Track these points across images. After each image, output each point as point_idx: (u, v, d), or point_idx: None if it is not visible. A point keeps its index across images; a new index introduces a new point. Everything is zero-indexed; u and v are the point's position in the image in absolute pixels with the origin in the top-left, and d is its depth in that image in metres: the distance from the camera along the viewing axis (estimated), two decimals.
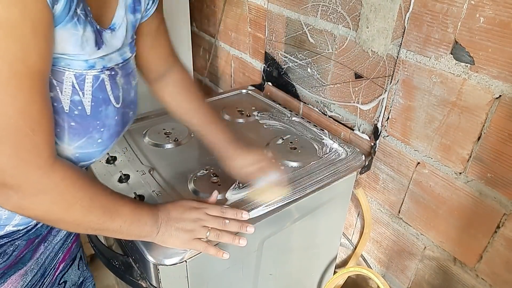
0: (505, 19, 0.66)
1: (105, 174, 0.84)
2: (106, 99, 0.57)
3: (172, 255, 0.66)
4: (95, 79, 0.55)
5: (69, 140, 0.55)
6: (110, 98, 0.58)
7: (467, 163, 0.80)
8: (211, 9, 1.56)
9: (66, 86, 0.52)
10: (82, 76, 0.53)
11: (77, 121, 0.54)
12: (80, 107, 0.54)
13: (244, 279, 0.87)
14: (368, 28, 0.91)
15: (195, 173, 0.85)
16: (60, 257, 0.78)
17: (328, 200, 0.94)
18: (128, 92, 0.63)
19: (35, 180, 0.48)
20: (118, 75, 0.59)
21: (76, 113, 0.54)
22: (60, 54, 0.50)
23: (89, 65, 0.53)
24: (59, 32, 0.47)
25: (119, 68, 0.60)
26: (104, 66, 0.56)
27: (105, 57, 0.56)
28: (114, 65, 0.58)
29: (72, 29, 0.48)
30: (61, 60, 0.50)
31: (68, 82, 0.52)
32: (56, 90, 0.51)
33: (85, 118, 0.55)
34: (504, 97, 0.71)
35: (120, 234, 0.59)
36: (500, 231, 0.78)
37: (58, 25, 0.47)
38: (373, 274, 0.91)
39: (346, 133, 1.07)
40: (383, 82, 0.92)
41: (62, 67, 0.51)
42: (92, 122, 0.56)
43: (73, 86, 0.52)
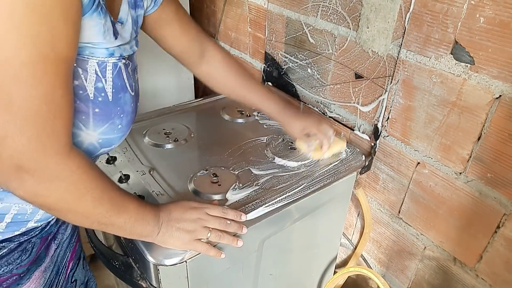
0: (505, 19, 0.66)
1: None
2: (123, 86, 0.60)
3: (172, 256, 0.66)
4: (114, 66, 0.57)
5: (94, 126, 0.57)
6: (126, 85, 0.61)
7: (467, 163, 0.80)
8: (211, 9, 1.56)
9: (90, 73, 0.54)
10: (104, 63, 0.55)
11: (101, 107, 0.56)
12: (103, 94, 0.56)
13: (244, 279, 0.87)
14: (368, 28, 0.91)
15: (195, 173, 0.85)
16: (69, 255, 0.79)
17: (328, 200, 0.94)
18: (136, 83, 0.66)
19: (52, 166, 0.48)
20: (129, 66, 0.62)
21: (100, 99, 0.56)
22: (85, 42, 0.52)
23: (110, 53, 0.56)
24: (85, 21, 0.49)
25: (129, 59, 0.62)
26: (121, 54, 0.59)
27: (121, 46, 0.58)
28: (127, 55, 0.61)
29: (97, 19, 0.51)
30: (86, 49, 0.52)
31: (92, 70, 0.54)
32: (81, 78, 0.53)
33: (107, 104, 0.57)
34: (504, 97, 0.71)
35: (123, 231, 0.60)
36: (500, 231, 0.78)
37: (85, 14, 0.49)
38: (373, 274, 0.91)
39: (346, 133, 1.07)
40: (383, 82, 0.92)
41: (87, 55, 0.53)
42: (114, 108, 0.58)
43: (96, 74, 0.55)
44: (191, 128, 1.04)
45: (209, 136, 1.02)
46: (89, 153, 0.61)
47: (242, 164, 0.90)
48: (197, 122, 1.08)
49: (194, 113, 1.14)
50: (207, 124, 1.08)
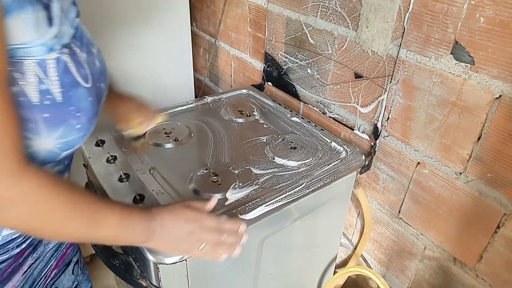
0: (505, 19, 0.66)
1: (105, 173, 0.84)
2: (74, 82, 0.54)
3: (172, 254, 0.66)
4: (57, 63, 0.51)
5: (47, 132, 0.52)
6: (77, 79, 0.55)
7: (467, 163, 0.80)
8: (211, 9, 1.56)
9: (30, 76, 0.49)
10: (43, 62, 0.50)
11: (50, 111, 0.51)
12: (49, 96, 0.51)
13: (244, 279, 0.87)
14: (368, 28, 0.91)
15: (195, 172, 0.86)
16: (53, 264, 0.76)
17: (328, 199, 0.94)
18: (93, 64, 0.60)
19: (6, 190, 0.45)
20: (77, 50, 0.55)
21: (47, 103, 0.51)
22: (16, 44, 0.46)
23: (48, 48, 0.50)
24: (10, 22, 0.44)
25: (75, 40, 0.56)
26: (62, 44, 0.52)
27: (59, 34, 0.51)
28: (69, 39, 0.54)
29: (24, 14, 0.45)
30: (19, 51, 0.47)
31: (31, 72, 0.49)
32: (20, 83, 0.48)
33: (57, 106, 0.52)
34: (504, 97, 0.71)
35: (106, 242, 0.57)
36: (500, 231, 0.79)
37: (9, 15, 0.44)
38: (373, 274, 0.91)
39: (346, 133, 1.08)
40: (383, 82, 0.92)
41: (21, 56, 0.47)
42: (66, 108, 0.53)
43: (37, 76, 0.49)
44: (191, 128, 1.04)
45: (209, 135, 1.02)
46: (50, 160, 0.57)
47: (242, 163, 0.90)
48: (197, 122, 1.08)
49: (194, 113, 1.15)
50: (207, 124, 1.08)
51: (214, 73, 1.71)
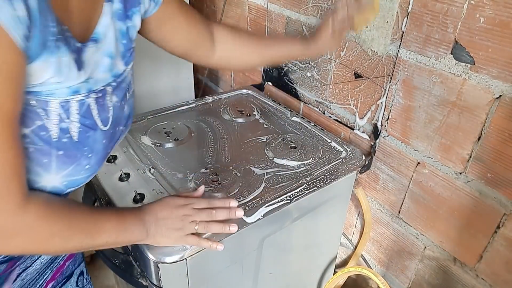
0: (505, 19, 0.66)
1: (106, 173, 0.84)
2: (93, 124, 0.55)
3: (172, 253, 0.66)
4: (80, 105, 0.52)
5: (57, 169, 0.53)
6: (96, 122, 0.56)
7: (467, 163, 0.81)
8: (211, 9, 1.56)
9: (53, 114, 0.50)
10: (67, 103, 0.51)
11: (65, 148, 0.52)
12: (68, 135, 0.52)
13: (244, 278, 0.87)
14: (367, 27, 0.91)
15: (196, 172, 0.86)
16: (49, 276, 0.74)
17: (328, 199, 0.94)
18: (121, 109, 0.61)
19: (9, 226, 0.47)
20: (108, 95, 0.57)
21: (64, 140, 0.52)
22: (41, 84, 0.47)
23: (73, 91, 0.51)
24: (35, 66, 0.45)
25: (111, 87, 0.57)
26: (90, 89, 0.54)
27: (90, 80, 0.53)
28: (103, 86, 0.56)
29: (49, 59, 0.46)
30: (44, 90, 0.48)
31: (54, 111, 0.50)
32: (43, 119, 0.49)
33: (73, 145, 0.53)
34: (504, 97, 0.71)
35: (109, 246, 0.59)
36: (500, 231, 0.79)
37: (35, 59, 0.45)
38: (373, 274, 0.91)
39: (346, 133, 1.08)
40: (383, 82, 0.92)
41: (46, 96, 0.49)
42: (80, 148, 0.54)
43: (59, 115, 0.51)
44: (191, 128, 1.04)
45: (209, 135, 1.02)
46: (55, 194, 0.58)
47: (242, 163, 0.90)
48: (197, 122, 1.08)
49: (194, 112, 1.15)
50: (207, 124, 1.08)
51: (214, 73, 1.71)
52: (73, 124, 0.52)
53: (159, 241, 0.64)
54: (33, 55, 0.44)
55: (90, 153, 0.56)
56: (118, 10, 0.57)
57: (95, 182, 0.85)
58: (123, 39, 0.59)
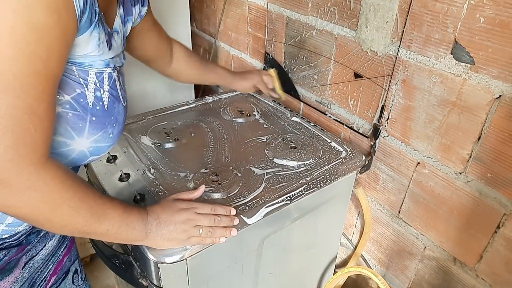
0: (505, 19, 0.66)
1: (106, 173, 0.84)
2: (117, 97, 0.64)
3: (173, 253, 0.66)
4: (109, 77, 0.62)
5: (88, 133, 0.60)
6: (120, 96, 0.65)
7: (467, 163, 0.81)
8: (211, 9, 1.56)
9: (90, 83, 0.58)
10: (101, 74, 0.60)
11: (98, 115, 0.60)
12: (101, 103, 0.60)
13: (244, 278, 0.87)
14: (367, 28, 0.91)
15: (195, 172, 0.86)
16: (51, 269, 0.77)
17: (327, 199, 0.94)
18: (126, 94, 0.69)
19: (25, 176, 0.48)
20: (121, 78, 0.66)
21: (97, 108, 0.60)
22: (84, 55, 0.56)
23: (106, 64, 0.60)
24: (83, 37, 0.53)
25: (119, 71, 0.66)
26: (115, 65, 0.63)
27: (114, 58, 0.63)
28: (119, 66, 0.65)
29: (94, 33, 0.55)
30: (86, 61, 0.57)
31: (92, 80, 0.58)
32: (83, 88, 0.57)
33: (103, 112, 0.61)
34: (504, 97, 0.71)
35: (107, 237, 0.59)
36: (500, 231, 0.79)
37: (83, 33, 0.53)
38: (373, 274, 0.91)
39: (346, 133, 1.08)
40: (383, 82, 0.92)
41: (87, 66, 0.57)
42: (108, 117, 0.62)
43: (95, 84, 0.59)
44: (191, 128, 1.04)
45: (209, 135, 1.02)
46: (78, 161, 0.63)
47: (242, 163, 0.90)
48: (197, 122, 1.08)
49: (194, 112, 1.15)
50: (207, 124, 1.08)
51: None
52: (104, 94, 0.61)
53: (159, 243, 0.65)
54: (82, 27, 0.52)
55: (115, 122, 0.63)
56: (121, 15, 0.68)
57: (95, 182, 0.85)
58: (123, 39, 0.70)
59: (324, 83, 1.11)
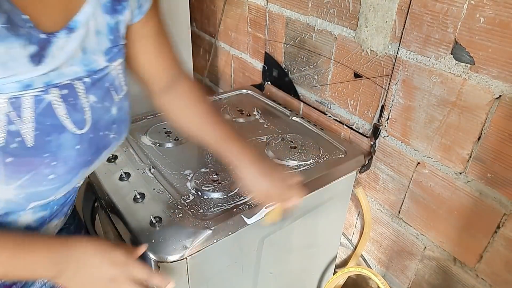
0: (505, 19, 0.67)
1: (106, 172, 0.84)
2: (57, 126, 0.47)
3: (173, 252, 0.66)
4: (36, 102, 0.44)
5: (6, 179, 0.45)
6: (63, 123, 0.47)
7: (467, 163, 0.81)
8: (211, 9, 1.56)
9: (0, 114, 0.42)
10: (17, 100, 0.43)
11: (16, 155, 0.44)
12: (18, 139, 0.44)
13: (244, 277, 0.87)
14: (367, 27, 0.91)
15: (196, 171, 0.86)
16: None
17: (327, 199, 0.94)
18: (106, 110, 0.53)
19: None
20: (80, 93, 0.49)
21: (14, 145, 0.44)
22: None
23: (24, 85, 0.43)
24: None
25: (82, 82, 0.49)
26: (48, 83, 0.45)
27: (51, 73, 0.45)
28: (69, 80, 0.47)
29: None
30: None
31: (1, 110, 0.42)
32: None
33: (26, 151, 0.45)
34: (504, 97, 0.71)
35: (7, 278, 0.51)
36: (500, 231, 0.79)
37: None
38: (373, 274, 0.91)
39: (346, 133, 1.08)
40: (383, 82, 0.93)
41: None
42: (38, 155, 0.46)
43: (7, 115, 0.42)
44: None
45: None
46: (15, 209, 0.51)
47: None
48: None
49: None
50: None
51: (214, 73, 1.71)
52: (26, 126, 0.44)
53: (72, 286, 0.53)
54: None
55: (54, 160, 0.47)
56: (106, 2, 0.51)
57: (95, 182, 0.85)
58: (110, 34, 0.53)
59: (324, 83, 1.11)
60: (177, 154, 0.93)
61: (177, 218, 0.72)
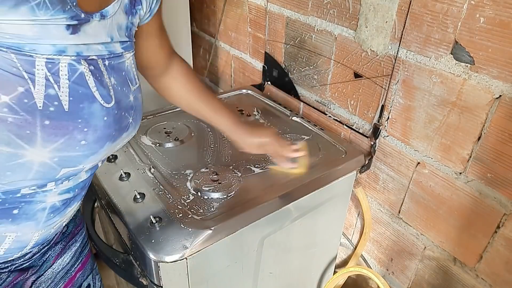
0: (505, 19, 0.67)
1: (106, 172, 0.84)
2: (89, 95, 0.50)
3: (173, 252, 0.66)
4: (70, 70, 0.48)
5: (43, 141, 0.47)
6: (94, 94, 0.50)
7: (467, 163, 0.81)
8: (211, 9, 1.56)
9: (39, 77, 0.45)
10: (55, 64, 0.46)
11: (53, 118, 0.46)
12: (56, 103, 0.46)
13: (244, 277, 0.87)
14: (367, 27, 0.91)
15: (196, 171, 0.86)
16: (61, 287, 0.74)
17: (327, 199, 0.94)
18: (125, 95, 0.57)
19: None
20: (104, 72, 0.53)
21: (51, 109, 0.46)
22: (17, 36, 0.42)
23: (58, 50, 0.46)
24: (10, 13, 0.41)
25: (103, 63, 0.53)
26: (79, 53, 0.48)
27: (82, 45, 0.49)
28: (95, 55, 0.51)
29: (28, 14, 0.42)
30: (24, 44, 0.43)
31: (40, 73, 0.45)
32: (27, 84, 0.44)
33: (63, 114, 0.47)
34: (504, 97, 0.71)
35: None
36: (500, 231, 0.79)
37: None
38: (373, 274, 0.91)
39: (346, 133, 1.08)
40: (383, 82, 0.93)
41: (28, 52, 0.44)
42: (72, 120, 0.48)
43: (46, 78, 0.45)
44: (192, 127, 1.04)
45: (209, 135, 1.02)
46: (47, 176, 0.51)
47: (242, 162, 0.90)
48: (197, 122, 1.08)
49: None
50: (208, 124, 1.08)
51: (214, 73, 1.71)
52: (62, 91, 0.47)
53: None
54: None
55: (86, 127, 0.50)
56: (127, 4, 0.57)
57: (95, 181, 0.85)
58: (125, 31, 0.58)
59: (324, 83, 1.11)
60: (177, 154, 0.93)
61: (177, 218, 0.72)
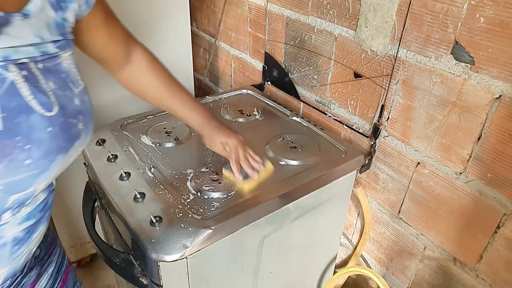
0: (505, 19, 0.67)
1: (106, 172, 0.84)
2: (23, 106, 0.44)
3: (173, 252, 0.66)
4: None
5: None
6: (30, 104, 0.45)
7: (467, 163, 0.81)
8: (211, 9, 1.56)
9: None
10: None
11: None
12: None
13: (244, 277, 0.87)
14: (367, 27, 0.91)
15: (196, 171, 0.86)
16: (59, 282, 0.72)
17: (327, 198, 0.94)
18: (69, 99, 0.52)
19: None
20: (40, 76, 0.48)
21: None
22: None
23: None
24: None
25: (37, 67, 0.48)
26: (6, 57, 0.43)
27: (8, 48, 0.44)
28: (26, 58, 0.46)
29: None
30: None
31: None
32: None
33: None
34: (504, 97, 0.71)
35: None
36: (500, 231, 0.79)
37: None
38: (373, 274, 0.91)
39: (346, 133, 1.08)
40: (383, 82, 0.93)
41: None
42: (9, 138, 0.43)
43: None
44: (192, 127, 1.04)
45: None
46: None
47: None
48: None
49: None
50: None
51: (214, 73, 1.72)
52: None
53: None
54: None
55: (27, 143, 0.45)
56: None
57: (95, 182, 0.85)
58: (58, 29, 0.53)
59: (324, 83, 1.11)
60: (177, 154, 0.93)
61: (177, 218, 0.72)
